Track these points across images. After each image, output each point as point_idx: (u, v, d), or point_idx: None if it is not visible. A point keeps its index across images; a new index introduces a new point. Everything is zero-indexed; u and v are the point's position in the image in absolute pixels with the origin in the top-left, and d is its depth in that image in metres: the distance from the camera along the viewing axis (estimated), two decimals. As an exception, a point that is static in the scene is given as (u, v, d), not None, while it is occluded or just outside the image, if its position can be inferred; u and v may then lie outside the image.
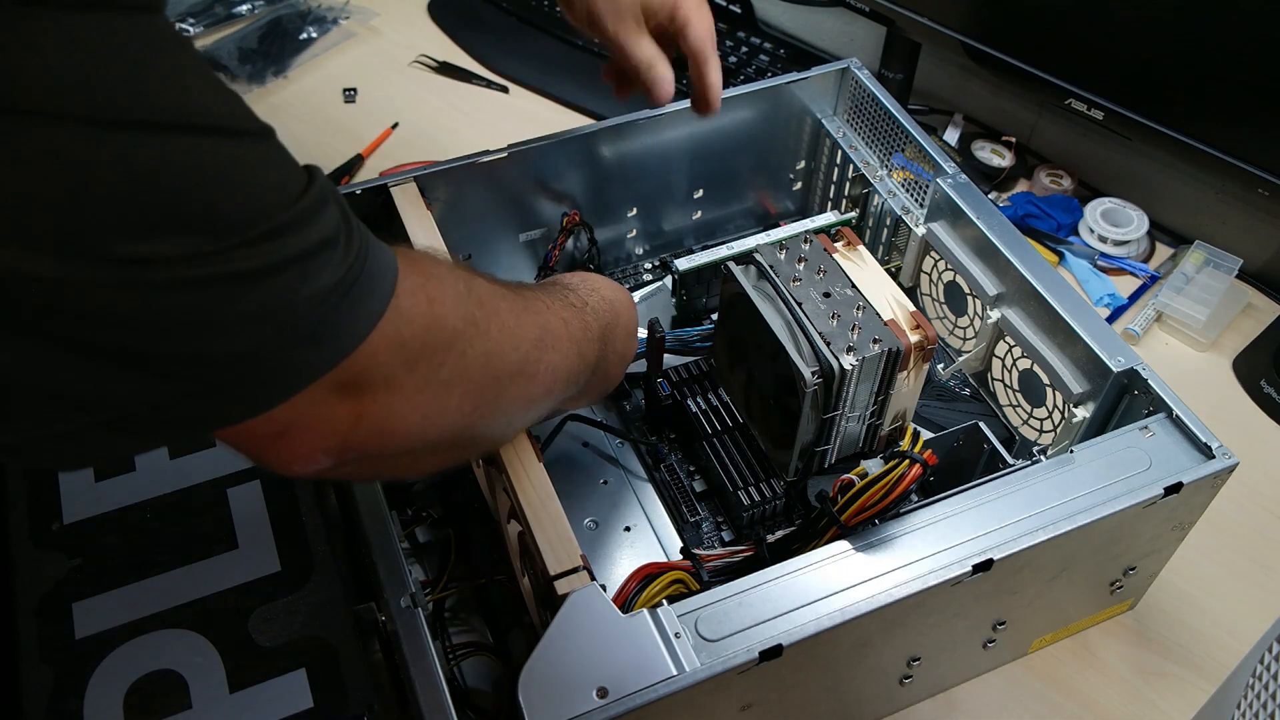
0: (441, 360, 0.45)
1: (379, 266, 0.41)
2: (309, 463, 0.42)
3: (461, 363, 0.46)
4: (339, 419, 0.41)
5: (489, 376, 0.49)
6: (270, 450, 0.41)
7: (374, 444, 0.43)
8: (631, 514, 0.76)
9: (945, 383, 0.83)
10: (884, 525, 0.59)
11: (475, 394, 0.48)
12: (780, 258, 0.68)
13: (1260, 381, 0.87)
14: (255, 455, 0.42)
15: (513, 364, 0.51)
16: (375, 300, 0.40)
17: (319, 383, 0.39)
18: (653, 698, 0.51)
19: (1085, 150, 1.04)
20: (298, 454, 0.41)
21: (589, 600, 0.54)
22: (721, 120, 0.86)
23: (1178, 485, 0.60)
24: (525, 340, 0.52)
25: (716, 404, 0.77)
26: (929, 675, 0.67)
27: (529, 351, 0.52)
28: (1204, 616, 0.74)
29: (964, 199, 0.77)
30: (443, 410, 0.46)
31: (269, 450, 0.41)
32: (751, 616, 0.54)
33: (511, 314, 0.51)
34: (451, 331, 0.45)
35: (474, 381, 0.48)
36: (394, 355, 0.42)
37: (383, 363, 0.41)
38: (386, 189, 0.76)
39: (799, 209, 0.96)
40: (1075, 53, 0.90)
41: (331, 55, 1.19)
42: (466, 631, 0.69)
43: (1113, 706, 0.69)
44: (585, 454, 0.79)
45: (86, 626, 0.63)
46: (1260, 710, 0.56)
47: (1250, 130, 0.82)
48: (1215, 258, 0.94)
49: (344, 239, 0.39)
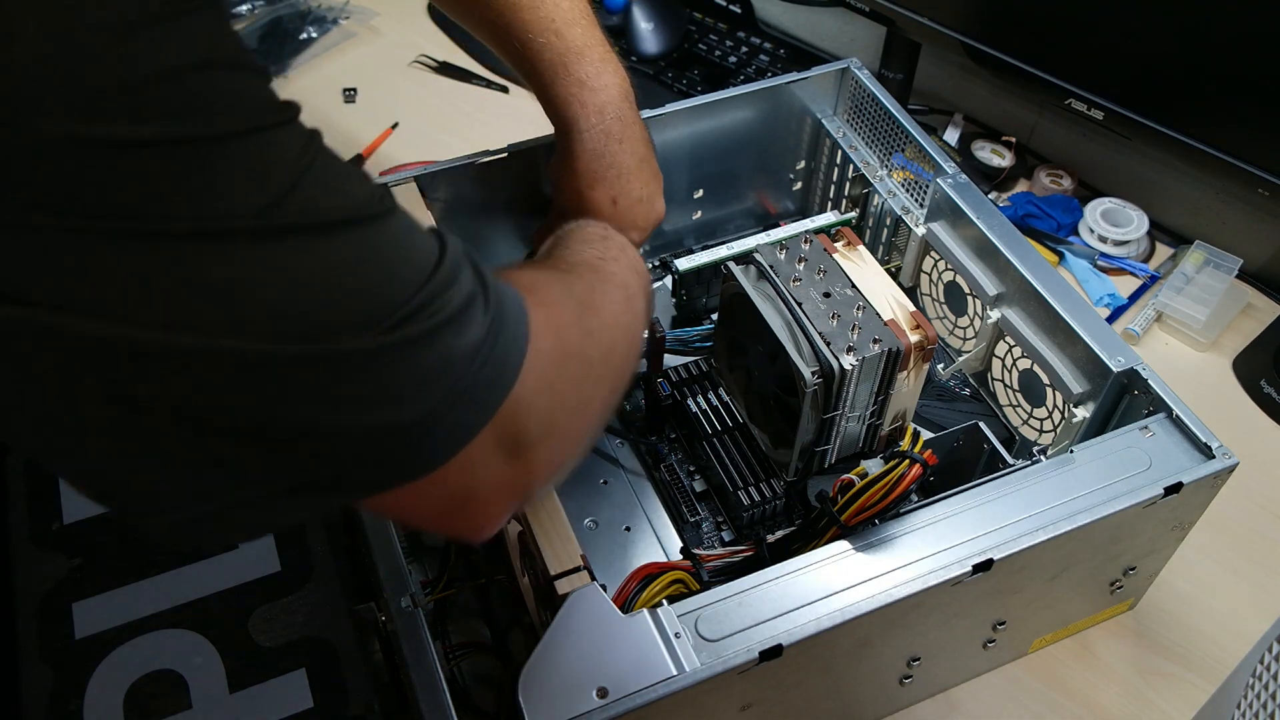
0: (579, 381, 0.47)
1: (512, 311, 0.42)
2: (496, 520, 0.45)
3: (592, 373, 0.48)
4: (508, 474, 0.42)
5: (612, 369, 0.51)
6: (459, 523, 0.44)
7: (544, 478, 0.46)
8: (631, 514, 0.76)
9: (945, 383, 0.83)
10: (884, 525, 0.59)
11: (610, 389, 0.51)
12: (780, 258, 0.68)
13: (1260, 381, 0.87)
14: (450, 530, 0.46)
15: (623, 345, 0.54)
16: (516, 349, 0.42)
17: (482, 440, 0.40)
18: (653, 698, 0.51)
19: (1085, 150, 1.03)
20: (484, 519, 0.44)
21: (589, 600, 0.54)
22: (721, 120, 0.86)
23: (1178, 485, 0.60)
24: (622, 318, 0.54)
25: (716, 404, 0.77)
26: (929, 675, 0.67)
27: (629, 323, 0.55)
28: (1204, 616, 0.74)
29: (964, 199, 0.77)
30: (590, 419, 0.49)
31: (458, 525, 0.44)
32: (751, 616, 0.54)
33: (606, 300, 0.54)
34: (581, 355, 0.47)
35: (606, 381, 0.50)
36: (542, 397, 0.43)
37: (535, 407, 0.42)
38: (386, 189, 0.75)
39: (799, 209, 0.96)
40: (1075, 53, 0.90)
41: (331, 55, 1.19)
42: (466, 631, 0.69)
43: (1113, 706, 0.69)
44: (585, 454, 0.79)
45: (86, 626, 0.63)
46: (1260, 710, 0.56)
47: (1250, 130, 0.82)
48: (1215, 258, 0.94)
49: (482, 293, 0.40)
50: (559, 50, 0.67)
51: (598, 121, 0.68)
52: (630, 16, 1.17)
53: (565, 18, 0.67)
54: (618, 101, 0.69)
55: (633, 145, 0.70)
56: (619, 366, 0.53)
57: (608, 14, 1.19)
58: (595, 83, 0.68)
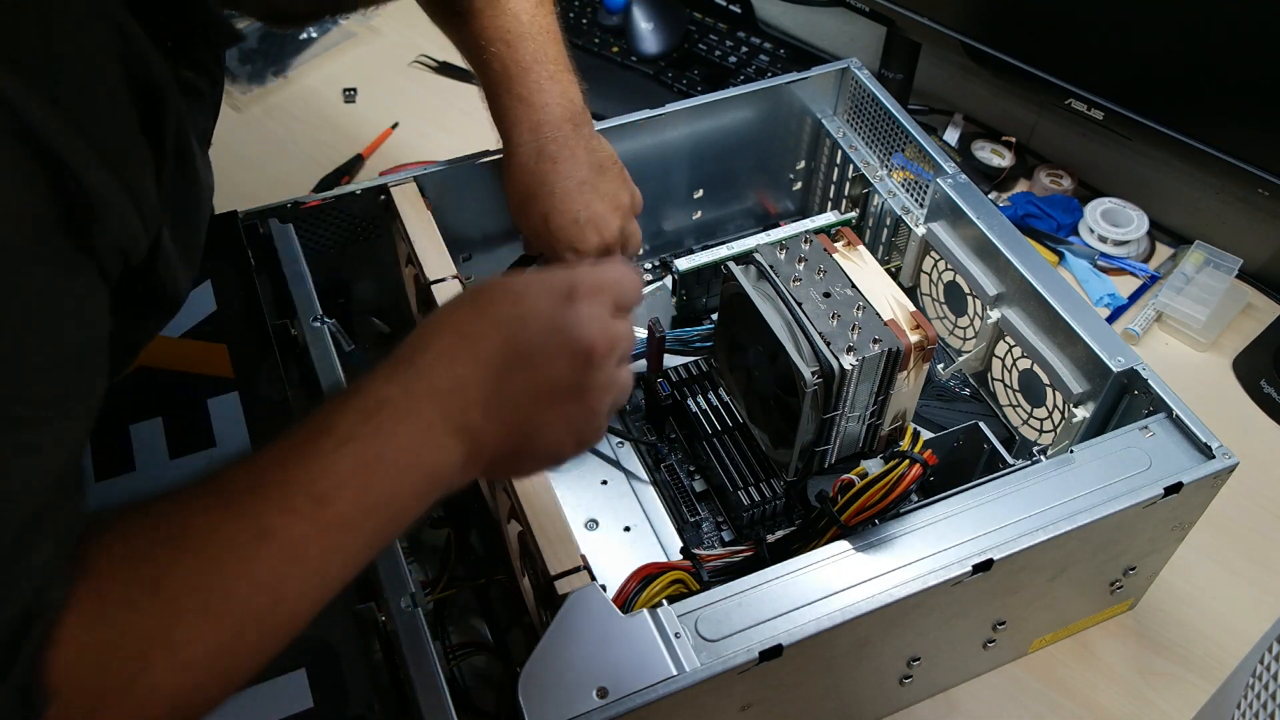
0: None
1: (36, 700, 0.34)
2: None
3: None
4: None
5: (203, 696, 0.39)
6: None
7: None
8: (631, 514, 0.76)
9: (945, 383, 0.83)
10: (884, 525, 0.59)
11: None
12: (780, 258, 0.68)
13: (1260, 381, 0.87)
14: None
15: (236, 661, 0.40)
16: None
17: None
18: (653, 698, 0.51)
19: (1085, 150, 1.03)
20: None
21: (589, 600, 0.54)
22: (721, 120, 0.86)
23: (1178, 485, 0.60)
24: (241, 619, 0.39)
25: (716, 404, 0.77)
26: (929, 675, 0.67)
27: (255, 620, 0.40)
28: (1204, 616, 0.74)
29: (964, 199, 0.77)
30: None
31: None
32: (751, 616, 0.54)
33: (216, 619, 0.39)
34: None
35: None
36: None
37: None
38: (386, 189, 0.76)
39: (799, 209, 0.96)
40: (1075, 53, 0.90)
41: (331, 55, 1.19)
42: (466, 631, 0.69)
43: (1113, 706, 0.69)
44: (585, 454, 0.79)
45: (86, 626, 0.63)
46: (1260, 710, 0.56)
47: (1250, 130, 0.82)
48: (1215, 258, 0.94)
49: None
50: (505, 62, 0.67)
51: (530, 139, 0.68)
52: (630, 16, 1.17)
53: (520, 30, 0.66)
54: (556, 121, 0.68)
55: (569, 167, 0.68)
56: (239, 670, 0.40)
57: (608, 14, 1.19)
58: (535, 100, 0.67)
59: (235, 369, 0.64)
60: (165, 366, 0.64)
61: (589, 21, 1.21)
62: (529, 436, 0.46)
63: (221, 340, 0.65)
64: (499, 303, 0.46)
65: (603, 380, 0.47)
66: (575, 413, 0.46)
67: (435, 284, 0.69)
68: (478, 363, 0.44)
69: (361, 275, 0.81)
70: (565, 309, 0.46)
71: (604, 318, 0.47)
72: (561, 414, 0.46)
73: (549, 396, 0.46)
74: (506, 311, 0.46)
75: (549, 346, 0.45)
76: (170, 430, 0.61)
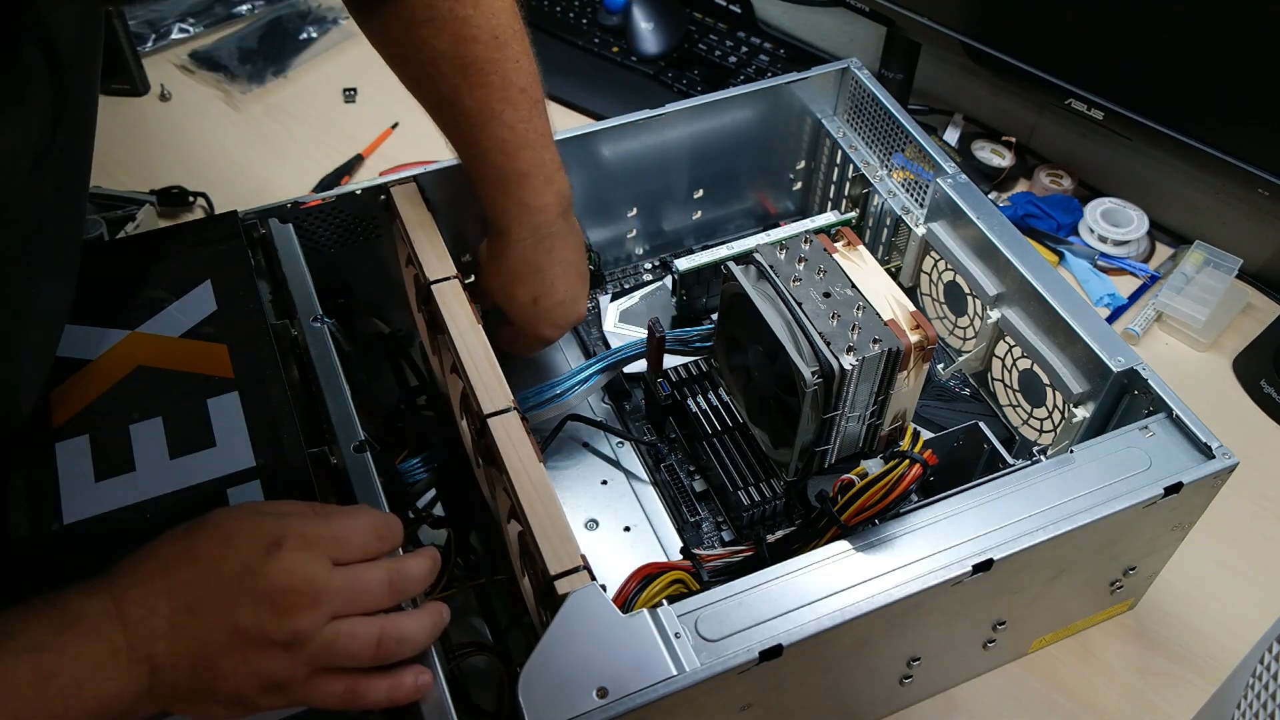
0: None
1: None
2: None
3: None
4: None
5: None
6: None
7: None
8: (631, 514, 0.76)
9: (945, 383, 0.83)
10: (884, 525, 0.59)
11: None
12: (780, 258, 0.68)
13: (1260, 381, 0.87)
14: None
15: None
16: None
17: None
18: (653, 698, 0.51)
19: (1085, 150, 1.04)
20: None
21: (589, 600, 0.54)
22: (721, 120, 0.86)
23: (1178, 485, 0.60)
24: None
25: (716, 404, 0.77)
26: (929, 675, 0.67)
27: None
28: (1204, 616, 0.74)
29: (964, 199, 0.77)
30: None
31: None
32: (751, 616, 0.54)
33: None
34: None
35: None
36: None
37: None
38: (386, 189, 0.76)
39: (799, 209, 0.96)
40: (1075, 53, 0.90)
41: (331, 55, 1.19)
42: (466, 631, 0.69)
43: (1113, 706, 0.69)
44: (585, 454, 0.79)
45: (86, 626, 0.63)
46: (1260, 710, 0.56)
47: (1250, 130, 0.82)
48: (1215, 258, 0.94)
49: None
50: (504, 170, 0.69)
51: (529, 234, 0.71)
52: (630, 16, 1.17)
53: (517, 140, 0.69)
54: (553, 219, 0.72)
55: (561, 253, 0.73)
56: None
57: (608, 14, 1.19)
58: (535, 203, 0.71)
59: (235, 369, 0.64)
60: (165, 366, 0.64)
61: (589, 21, 1.21)
62: (211, 678, 0.45)
63: (221, 340, 0.65)
64: (208, 540, 0.47)
65: (302, 631, 0.46)
66: (260, 662, 0.45)
67: (435, 284, 0.69)
68: (171, 595, 0.45)
69: (361, 275, 0.81)
70: (263, 557, 0.46)
71: (308, 569, 0.46)
72: (243, 661, 0.45)
73: (231, 642, 0.45)
74: (210, 550, 0.46)
75: (236, 591, 0.45)
76: (170, 430, 0.61)
